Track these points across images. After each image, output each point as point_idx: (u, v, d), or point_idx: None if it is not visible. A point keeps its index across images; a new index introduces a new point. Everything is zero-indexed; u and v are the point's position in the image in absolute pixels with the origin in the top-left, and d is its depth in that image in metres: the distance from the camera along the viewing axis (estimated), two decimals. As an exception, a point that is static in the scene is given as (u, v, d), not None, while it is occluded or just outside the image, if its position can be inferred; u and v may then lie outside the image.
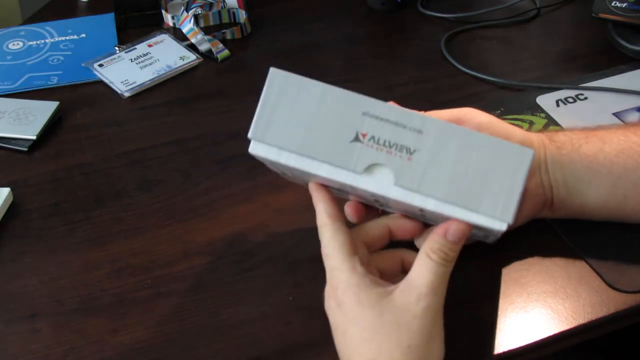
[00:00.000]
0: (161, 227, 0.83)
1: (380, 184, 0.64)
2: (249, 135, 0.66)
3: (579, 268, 0.77)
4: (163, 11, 1.14)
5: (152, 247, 0.81)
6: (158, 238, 0.82)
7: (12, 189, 0.87)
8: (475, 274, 0.76)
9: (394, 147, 0.63)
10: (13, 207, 0.86)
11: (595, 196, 0.76)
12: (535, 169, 0.75)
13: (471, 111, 0.76)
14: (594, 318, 0.73)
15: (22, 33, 1.13)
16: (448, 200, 0.63)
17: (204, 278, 0.77)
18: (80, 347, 0.71)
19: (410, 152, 0.63)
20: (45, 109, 0.97)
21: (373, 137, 0.64)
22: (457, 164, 0.63)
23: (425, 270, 0.62)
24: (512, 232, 0.79)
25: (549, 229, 0.80)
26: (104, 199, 0.87)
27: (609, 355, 0.88)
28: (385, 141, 0.64)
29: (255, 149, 0.66)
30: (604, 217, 0.77)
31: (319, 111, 0.65)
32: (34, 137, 0.94)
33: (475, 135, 0.63)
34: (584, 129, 0.78)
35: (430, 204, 0.63)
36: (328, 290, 0.64)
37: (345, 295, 0.62)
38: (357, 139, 0.64)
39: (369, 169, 0.64)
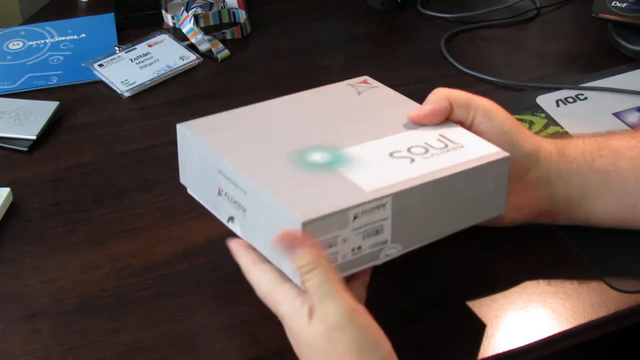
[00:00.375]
0: (161, 227, 0.83)
1: (238, 233, 0.70)
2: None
3: (578, 268, 0.77)
4: (163, 11, 1.14)
5: (152, 247, 0.81)
6: (158, 238, 0.82)
7: (12, 189, 0.87)
8: (475, 274, 0.76)
9: (236, 203, 0.69)
10: (13, 207, 0.86)
11: (603, 210, 0.76)
12: (535, 183, 0.75)
13: (493, 109, 0.74)
14: (594, 318, 0.73)
15: (22, 33, 1.13)
16: (269, 256, 0.67)
17: (204, 278, 0.77)
18: (80, 347, 0.71)
19: (243, 209, 0.68)
20: (45, 109, 0.97)
21: (227, 194, 0.70)
22: (267, 225, 0.66)
23: (318, 297, 0.62)
24: (512, 232, 0.79)
25: (549, 229, 0.80)
26: (104, 199, 0.87)
27: (609, 355, 0.88)
28: (231, 197, 0.69)
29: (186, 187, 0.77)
30: (610, 226, 0.77)
31: (199, 165, 0.73)
32: (34, 137, 0.94)
33: (274, 203, 0.64)
34: (596, 138, 0.77)
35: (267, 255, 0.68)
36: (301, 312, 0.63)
37: (286, 324, 0.65)
38: (219, 193, 0.71)
39: (231, 219, 0.70)
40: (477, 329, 0.72)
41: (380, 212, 0.65)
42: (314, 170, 0.68)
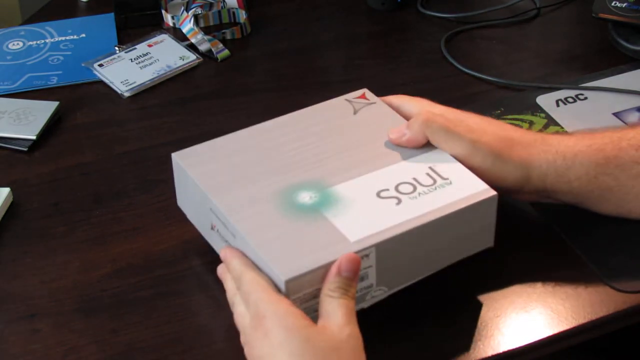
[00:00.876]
0: (161, 227, 0.83)
1: None
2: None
3: (578, 268, 0.77)
4: (163, 11, 1.14)
5: (152, 247, 0.81)
6: (158, 238, 0.82)
7: (12, 189, 0.87)
8: (475, 275, 0.76)
9: (227, 242, 0.71)
10: (13, 207, 0.86)
11: (600, 210, 0.77)
12: (532, 192, 0.75)
13: (475, 144, 0.73)
14: (594, 318, 0.73)
15: (22, 33, 1.13)
16: None
17: (204, 278, 0.77)
18: (80, 347, 0.71)
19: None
20: (45, 109, 0.97)
21: (219, 230, 0.72)
22: (256, 265, 0.68)
23: (333, 308, 0.63)
24: (512, 232, 0.79)
25: (549, 229, 0.80)
26: (104, 199, 0.87)
27: (609, 355, 0.88)
28: (223, 235, 0.72)
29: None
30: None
31: (193, 197, 0.75)
32: (34, 137, 0.94)
33: (260, 255, 0.67)
34: (603, 152, 0.74)
35: None
36: (251, 325, 0.64)
37: (272, 322, 0.62)
38: (212, 228, 0.74)
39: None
40: (477, 329, 0.72)
41: (364, 261, 0.66)
42: (301, 215, 0.69)
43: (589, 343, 0.74)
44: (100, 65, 1.06)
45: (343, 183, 0.72)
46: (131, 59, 1.07)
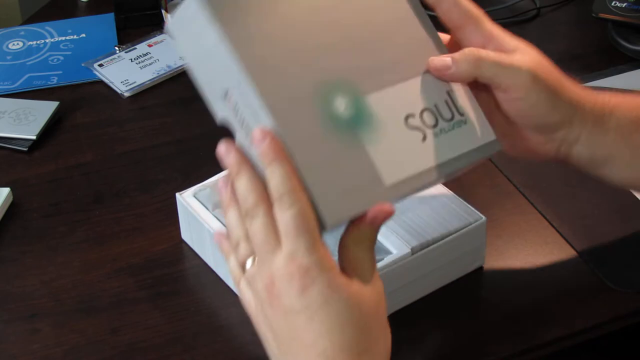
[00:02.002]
0: (161, 227, 0.83)
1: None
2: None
3: (579, 268, 0.77)
4: (163, 11, 1.14)
5: (152, 247, 0.81)
6: (158, 238, 0.82)
7: (12, 189, 0.87)
8: (475, 275, 0.76)
9: (242, 121, 0.62)
10: (13, 207, 0.86)
11: (623, 176, 0.72)
12: (561, 140, 0.70)
13: (530, 87, 0.68)
14: (594, 318, 0.73)
15: (22, 33, 1.13)
16: None
17: (204, 278, 0.77)
18: (80, 347, 0.71)
19: (248, 128, 0.61)
20: (45, 109, 0.97)
21: (236, 104, 0.62)
22: None
23: (362, 261, 0.57)
24: (511, 232, 0.79)
25: (549, 229, 0.80)
26: (104, 199, 0.87)
27: (609, 355, 0.88)
28: (239, 112, 0.62)
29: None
30: (621, 187, 0.76)
31: (207, 52, 0.63)
32: (34, 137, 0.94)
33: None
34: (637, 111, 0.71)
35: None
36: (288, 271, 0.54)
37: (317, 275, 0.54)
38: (224, 96, 0.63)
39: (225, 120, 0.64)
40: (477, 329, 0.72)
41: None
42: (338, 133, 0.62)
43: (589, 343, 0.74)
44: (100, 65, 1.06)
45: (374, 93, 0.66)
46: (131, 59, 1.07)
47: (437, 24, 0.71)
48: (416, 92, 0.68)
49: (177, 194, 0.78)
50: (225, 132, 0.86)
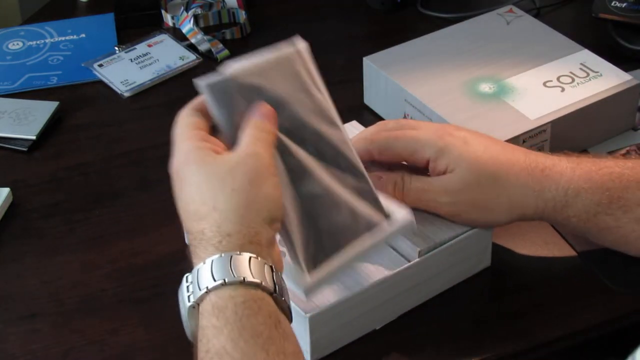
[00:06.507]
0: (161, 227, 0.83)
1: None
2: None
3: (579, 268, 0.77)
4: (163, 11, 1.14)
5: (152, 247, 0.81)
6: (158, 238, 0.82)
7: (12, 189, 0.87)
8: (475, 275, 0.76)
9: None
10: (13, 207, 0.86)
11: (596, 242, 0.75)
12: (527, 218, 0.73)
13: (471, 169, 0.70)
14: (594, 318, 0.73)
15: (22, 33, 1.13)
16: None
17: (204, 278, 0.77)
18: (80, 347, 0.71)
19: None
20: (45, 109, 0.97)
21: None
22: None
23: (245, 137, 0.62)
24: (511, 233, 0.79)
25: (549, 229, 0.80)
26: (104, 199, 0.87)
27: (608, 355, 0.88)
28: None
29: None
30: None
31: (385, 94, 0.93)
32: (34, 137, 0.94)
33: None
34: (609, 192, 0.70)
35: None
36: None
37: (185, 160, 0.65)
38: (404, 117, 0.89)
39: None
40: (477, 329, 0.72)
41: (541, 136, 0.83)
42: (485, 101, 0.85)
43: (589, 343, 0.74)
44: (100, 65, 1.06)
45: (514, 76, 0.88)
46: (131, 59, 1.07)
47: (439, 25, 0.70)
48: (551, 70, 0.89)
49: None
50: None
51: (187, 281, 0.59)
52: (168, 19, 1.13)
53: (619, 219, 0.71)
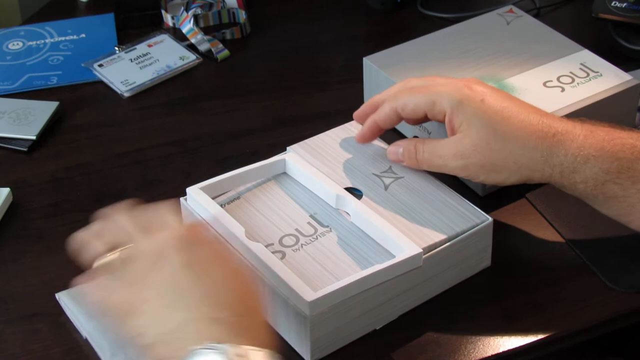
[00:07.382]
0: (161, 227, 0.82)
1: None
2: None
3: (579, 268, 0.77)
4: (163, 11, 1.14)
5: (152, 247, 0.80)
6: (158, 238, 0.81)
7: (12, 189, 0.87)
8: (475, 275, 0.76)
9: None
10: (13, 207, 0.86)
11: (600, 210, 0.75)
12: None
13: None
14: (594, 318, 0.73)
15: (22, 33, 1.13)
16: None
17: (204, 278, 0.77)
18: (80, 347, 0.71)
19: (428, 132, 0.84)
20: (45, 109, 0.97)
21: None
22: None
23: None
24: (511, 232, 0.79)
25: (549, 229, 0.80)
26: (104, 199, 0.87)
27: (609, 355, 0.88)
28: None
29: None
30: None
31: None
32: (34, 137, 0.94)
33: None
34: (618, 161, 0.71)
35: None
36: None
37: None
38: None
39: None
40: (477, 329, 0.72)
41: None
42: None
43: (589, 343, 0.74)
44: (100, 66, 1.06)
45: (514, 76, 0.88)
46: (131, 59, 1.07)
47: (438, 25, 0.71)
48: (550, 70, 0.89)
49: (182, 199, 0.77)
50: (224, 132, 0.86)
51: None
52: (168, 19, 1.13)
53: (627, 189, 0.71)
